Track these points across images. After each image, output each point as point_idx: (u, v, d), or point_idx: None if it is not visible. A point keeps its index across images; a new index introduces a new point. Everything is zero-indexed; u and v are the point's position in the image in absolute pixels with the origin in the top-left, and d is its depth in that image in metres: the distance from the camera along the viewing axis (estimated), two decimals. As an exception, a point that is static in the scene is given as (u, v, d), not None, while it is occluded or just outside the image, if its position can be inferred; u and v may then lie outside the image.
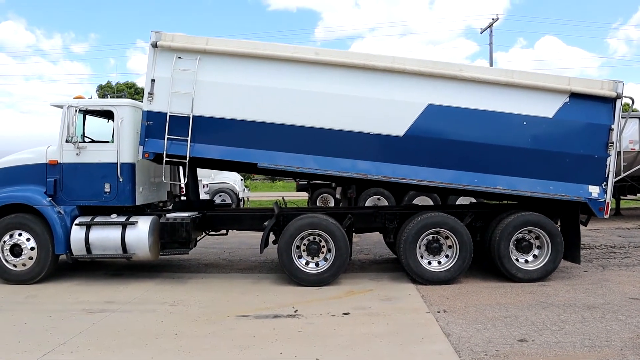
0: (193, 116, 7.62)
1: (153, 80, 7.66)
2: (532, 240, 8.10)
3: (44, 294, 7.53)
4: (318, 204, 19.00)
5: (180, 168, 8.94)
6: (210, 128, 7.70)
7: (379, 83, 7.69)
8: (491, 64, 31.49)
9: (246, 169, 9.44)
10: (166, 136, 7.60)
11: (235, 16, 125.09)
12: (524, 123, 7.76)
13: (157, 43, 7.61)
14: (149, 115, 7.68)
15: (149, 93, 7.65)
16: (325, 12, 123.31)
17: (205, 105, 7.66)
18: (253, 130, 7.69)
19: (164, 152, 7.62)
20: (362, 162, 7.76)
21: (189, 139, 7.63)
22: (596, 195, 7.88)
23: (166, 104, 7.61)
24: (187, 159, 7.68)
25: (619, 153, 8.18)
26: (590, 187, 7.89)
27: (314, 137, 7.68)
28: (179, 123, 7.63)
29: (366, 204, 16.15)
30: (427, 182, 7.79)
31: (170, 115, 7.60)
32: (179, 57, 7.63)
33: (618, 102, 7.82)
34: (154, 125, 7.66)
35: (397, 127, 7.70)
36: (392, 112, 7.68)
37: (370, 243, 11.88)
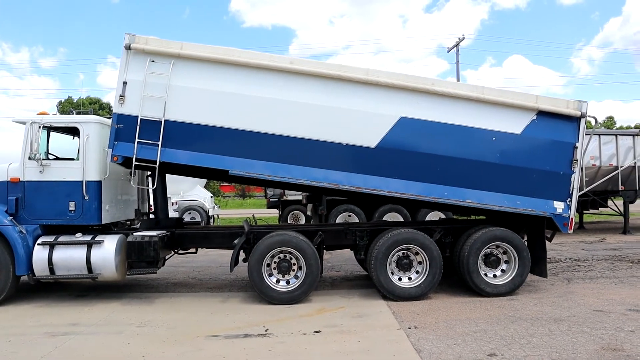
0: (165, 120, 7.52)
1: (125, 83, 7.53)
2: (500, 255, 8.23)
3: (3, 317, 7.24)
4: (289, 221, 18.96)
5: (150, 189, 8.80)
6: (182, 133, 7.61)
7: (353, 94, 7.75)
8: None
9: (217, 177, 9.37)
10: (136, 140, 7.48)
11: (211, 32, 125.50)
12: (493, 138, 7.93)
13: (131, 45, 7.52)
14: (119, 118, 7.55)
15: (120, 96, 7.51)
16: (299, 29, 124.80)
17: (178, 110, 7.58)
18: (226, 137, 7.63)
19: (134, 156, 7.50)
20: (334, 172, 7.78)
21: (160, 143, 7.52)
22: (561, 211, 8.08)
23: (138, 107, 7.50)
24: (158, 163, 7.56)
25: (581, 169, 8.43)
26: (555, 202, 8.09)
27: (287, 146, 7.67)
28: (150, 127, 7.52)
29: (337, 221, 16.19)
30: (398, 193, 7.85)
31: (141, 119, 7.49)
32: (153, 61, 7.55)
33: (582, 121, 8.08)
34: (124, 128, 7.54)
35: (370, 138, 7.76)
36: (365, 124, 7.75)
37: (341, 260, 11.87)
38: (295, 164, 7.71)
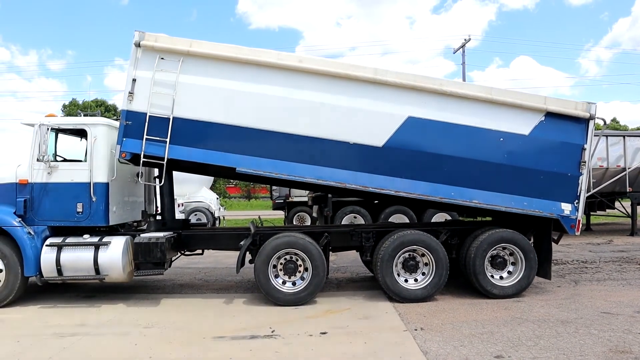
0: (173, 117, 7.56)
1: (134, 80, 7.57)
2: (506, 257, 8.20)
3: (12, 318, 7.29)
4: (295, 223, 18.98)
5: (157, 186, 8.84)
6: (189, 130, 7.64)
7: (361, 93, 7.75)
8: (464, 83, 32.06)
9: (224, 174, 9.40)
10: (145, 136, 7.52)
11: (218, 34, 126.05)
12: (501, 139, 7.91)
13: (140, 42, 7.56)
14: (128, 115, 7.59)
15: (129, 92, 7.55)
16: (306, 31, 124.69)
17: (186, 107, 7.61)
18: (233, 135, 7.65)
19: (142, 152, 7.53)
20: (341, 171, 7.77)
21: (167, 140, 7.55)
22: (568, 213, 8.04)
23: (146, 104, 7.53)
24: (165, 160, 7.60)
25: (588, 170, 8.39)
26: (562, 204, 8.05)
27: (294, 144, 7.69)
28: (158, 124, 7.55)
29: (342, 223, 16.17)
30: (405, 193, 7.84)
31: (149, 116, 7.53)
32: (162, 58, 7.59)
33: (591, 123, 8.04)
34: (132, 125, 7.58)
35: (377, 137, 7.76)
36: (372, 123, 7.75)
37: (347, 261, 11.87)
38: (301, 162, 7.73)
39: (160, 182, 8.22)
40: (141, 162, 7.58)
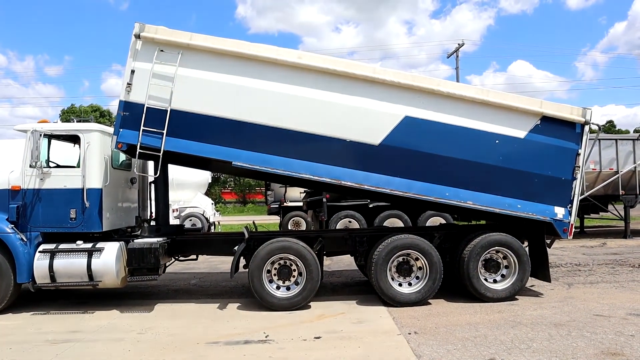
0: (170, 109, 7.56)
1: (133, 71, 7.57)
2: (500, 260, 8.23)
3: (4, 325, 7.25)
4: (290, 228, 18.97)
5: (152, 189, 8.82)
6: (187, 123, 7.64)
7: (359, 92, 7.78)
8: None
9: (221, 168, 9.40)
10: (142, 128, 7.50)
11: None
12: (496, 141, 7.95)
13: (140, 34, 7.55)
14: (126, 106, 7.58)
15: (128, 83, 7.55)
16: (305, 36, 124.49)
17: (184, 100, 7.62)
18: (230, 129, 7.66)
19: (138, 144, 7.51)
20: (337, 168, 7.79)
21: (164, 132, 7.54)
22: (561, 217, 8.09)
23: (144, 95, 7.53)
24: (162, 152, 7.58)
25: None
26: (556, 208, 8.09)
27: (290, 140, 7.71)
28: (156, 116, 7.54)
29: (337, 227, 16.19)
30: (400, 192, 7.86)
31: (147, 107, 7.52)
32: (161, 50, 7.59)
33: (586, 128, 8.09)
34: (130, 116, 7.56)
35: (374, 136, 7.79)
36: (369, 121, 7.78)
37: (341, 266, 11.88)
38: (297, 158, 7.74)
39: (155, 174, 8.15)
40: (137, 153, 7.56)
